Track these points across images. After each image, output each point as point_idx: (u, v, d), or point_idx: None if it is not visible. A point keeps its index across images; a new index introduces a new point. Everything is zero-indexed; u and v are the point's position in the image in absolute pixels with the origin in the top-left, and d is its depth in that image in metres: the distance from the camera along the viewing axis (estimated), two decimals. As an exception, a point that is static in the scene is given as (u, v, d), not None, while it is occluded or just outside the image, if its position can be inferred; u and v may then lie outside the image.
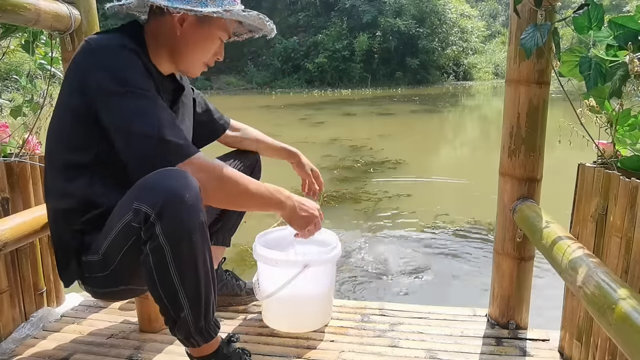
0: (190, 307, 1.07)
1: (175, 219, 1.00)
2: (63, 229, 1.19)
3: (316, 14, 24.18)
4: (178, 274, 1.03)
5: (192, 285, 1.06)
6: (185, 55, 1.19)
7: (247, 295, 1.73)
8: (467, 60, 26.28)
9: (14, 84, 4.26)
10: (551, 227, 1.23)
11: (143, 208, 0.99)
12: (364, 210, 4.25)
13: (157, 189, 1.00)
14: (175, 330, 1.11)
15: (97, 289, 1.21)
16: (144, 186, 1.02)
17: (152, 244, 1.01)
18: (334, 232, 1.64)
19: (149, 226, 1.00)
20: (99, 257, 1.12)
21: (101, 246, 1.11)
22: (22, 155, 1.58)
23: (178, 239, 1.01)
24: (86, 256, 1.15)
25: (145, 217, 0.99)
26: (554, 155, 2.06)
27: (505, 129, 1.46)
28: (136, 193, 1.02)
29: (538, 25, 1.26)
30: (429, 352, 1.43)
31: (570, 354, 1.34)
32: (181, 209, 1.00)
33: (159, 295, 1.06)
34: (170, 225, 1.00)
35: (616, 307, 0.81)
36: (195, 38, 1.17)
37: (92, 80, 1.07)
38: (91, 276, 1.17)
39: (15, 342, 1.50)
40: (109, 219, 1.10)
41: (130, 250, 1.06)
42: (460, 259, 3.17)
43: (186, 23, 1.14)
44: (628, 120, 1.18)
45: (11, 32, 1.68)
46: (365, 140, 7.79)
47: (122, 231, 1.05)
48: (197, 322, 1.09)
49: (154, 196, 0.99)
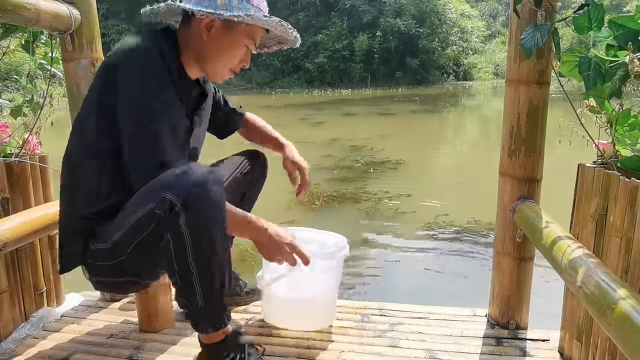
0: (204, 296, 1.12)
1: (199, 213, 1.05)
2: (74, 213, 1.21)
3: (316, 13, 24.16)
4: (195, 264, 1.08)
5: (207, 275, 1.11)
6: (211, 60, 1.22)
7: (247, 295, 1.73)
8: (467, 60, 26.26)
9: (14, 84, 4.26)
10: (551, 227, 1.23)
11: (168, 196, 1.03)
12: (365, 211, 4.25)
13: (185, 180, 1.04)
14: (188, 315, 1.17)
15: (99, 277, 1.22)
16: (172, 176, 1.05)
17: (174, 232, 1.05)
18: (343, 236, 1.63)
19: (173, 215, 1.04)
20: (108, 245, 1.14)
21: (112, 236, 1.13)
22: (22, 156, 1.58)
23: (200, 232, 1.06)
24: (94, 243, 1.17)
25: (171, 206, 1.03)
26: (554, 156, 2.06)
27: (505, 129, 1.46)
28: (161, 182, 1.05)
29: (538, 26, 1.26)
30: (429, 352, 1.43)
31: (570, 354, 1.34)
32: (206, 203, 1.05)
33: (175, 280, 1.12)
34: (194, 218, 1.04)
35: (616, 307, 0.81)
36: (221, 43, 1.19)
37: (122, 83, 1.11)
38: (95, 263, 1.19)
39: (15, 342, 1.50)
40: (124, 211, 1.12)
41: (145, 239, 1.09)
42: (461, 259, 3.17)
43: (213, 29, 1.17)
44: (628, 120, 1.18)
45: (11, 32, 1.68)
46: (365, 140, 7.78)
47: (141, 219, 1.07)
48: (208, 311, 1.14)
49: (181, 186, 1.04)
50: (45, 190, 1.66)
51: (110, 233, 1.14)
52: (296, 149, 1.67)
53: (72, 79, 1.65)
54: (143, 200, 1.07)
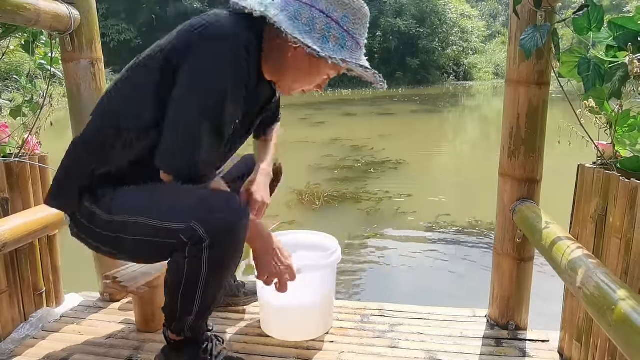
0: (196, 315, 1.16)
1: (225, 254, 1.08)
2: (82, 161, 1.15)
3: (316, 14, 24.13)
4: (202, 293, 1.12)
5: (208, 302, 1.16)
6: (288, 77, 1.17)
7: (245, 297, 1.73)
8: (467, 60, 26.27)
9: (14, 84, 4.26)
10: (551, 227, 1.23)
11: (199, 229, 1.02)
12: (366, 211, 4.25)
13: (219, 218, 1.04)
14: (172, 326, 1.20)
15: (82, 234, 1.18)
16: (206, 207, 1.04)
17: (193, 260, 1.06)
18: (334, 237, 1.61)
19: (197, 248, 1.04)
20: (108, 217, 1.10)
21: (117, 212, 1.09)
22: (22, 156, 1.58)
23: (218, 269, 1.09)
24: (91, 204, 1.12)
25: (199, 240, 1.03)
26: (553, 156, 2.06)
27: (505, 130, 1.46)
28: (194, 207, 1.04)
29: (538, 26, 1.26)
30: (429, 353, 1.43)
31: (570, 355, 1.34)
32: (233, 244, 1.07)
33: (176, 297, 1.13)
34: (218, 257, 1.06)
35: (616, 308, 0.81)
36: (304, 67, 1.13)
37: (199, 57, 1.03)
38: (82, 221, 1.15)
39: (14, 343, 1.50)
40: (144, 196, 1.10)
41: (155, 244, 1.08)
42: (461, 259, 3.17)
43: (300, 49, 1.08)
44: (627, 121, 1.18)
45: (11, 32, 1.68)
46: (365, 140, 7.79)
47: (161, 230, 1.05)
48: (194, 323, 1.19)
49: (214, 224, 1.03)
50: (45, 190, 1.66)
51: (116, 209, 1.09)
52: (265, 183, 1.47)
53: (72, 79, 1.65)
54: (170, 213, 1.05)
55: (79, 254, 2.03)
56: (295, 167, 5.93)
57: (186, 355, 1.23)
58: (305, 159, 6.25)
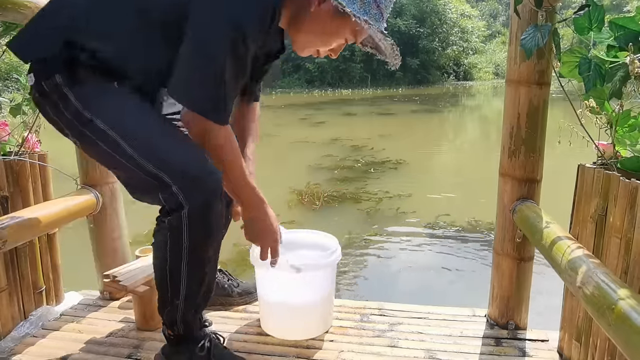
0: (185, 300, 1.16)
1: (203, 225, 1.08)
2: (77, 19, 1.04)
3: (317, 13, 24.15)
4: (187, 273, 1.13)
5: (195, 285, 1.16)
6: (305, 33, 1.13)
7: (240, 297, 1.71)
8: (467, 60, 26.27)
9: (14, 83, 4.25)
10: (551, 227, 1.23)
11: (180, 197, 1.04)
12: (366, 211, 4.25)
13: (199, 185, 1.05)
14: (165, 316, 1.21)
15: (49, 112, 1.10)
16: (188, 172, 1.04)
17: (175, 225, 1.07)
18: (334, 236, 1.60)
19: (177, 214, 1.05)
20: (88, 117, 1.04)
21: (96, 113, 1.04)
22: (22, 154, 1.58)
23: (200, 241, 1.10)
24: (69, 88, 1.04)
25: (177, 206, 1.04)
26: (554, 156, 2.06)
27: (505, 130, 1.46)
28: (179, 172, 1.04)
29: (538, 26, 1.25)
30: (428, 352, 1.43)
31: (570, 355, 1.34)
32: (210, 217, 1.08)
33: (164, 275, 1.15)
34: (197, 229, 1.08)
35: (615, 308, 0.81)
36: (324, 25, 1.10)
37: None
38: (54, 104, 1.07)
39: (14, 341, 1.50)
40: (134, 119, 1.06)
41: (128, 168, 1.06)
42: (461, 259, 3.17)
43: (324, 5, 1.07)
44: (628, 121, 1.18)
45: (11, 31, 1.68)
46: (365, 140, 7.79)
47: (142, 166, 1.04)
48: (186, 313, 1.19)
49: (195, 192, 1.04)
50: (44, 188, 1.66)
51: (100, 108, 1.04)
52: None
53: (72, 78, 1.65)
54: (155, 158, 1.04)
55: (79, 252, 2.04)
56: (295, 167, 5.93)
57: (185, 353, 1.24)
58: (305, 159, 6.25)
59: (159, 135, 1.09)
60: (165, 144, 1.08)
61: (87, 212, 1.69)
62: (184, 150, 1.07)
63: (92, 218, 1.74)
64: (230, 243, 3.28)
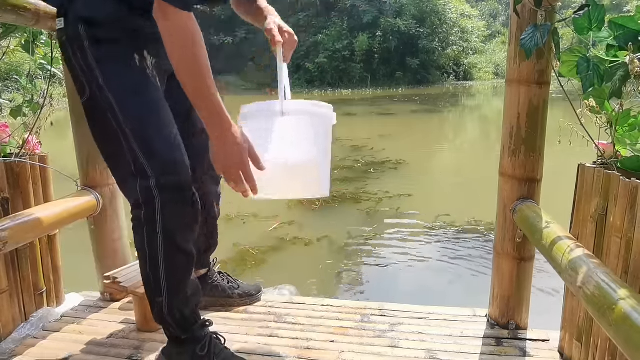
0: (169, 294, 1.20)
1: (176, 218, 1.16)
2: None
3: (316, 14, 24.16)
4: (165, 263, 1.17)
5: (175, 277, 1.21)
6: None
7: (240, 298, 1.71)
8: (467, 60, 26.26)
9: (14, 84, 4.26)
10: (551, 227, 1.23)
11: (155, 191, 1.12)
12: (366, 211, 4.25)
13: (174, 181, 1.14)
14: (154, 313, 1.24)
15: (70, 58, 1.17)
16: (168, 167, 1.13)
17: (148, 218, 1.15)
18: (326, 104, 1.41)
19: (150, 207, 1.13)
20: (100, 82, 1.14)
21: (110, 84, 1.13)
22: (22, 156, 1.58)
23: (175, 233, 1.17)
24: (91, 44, 1.13)
25: (150, 198, 1.13)
26: (554, 156, 2.06)
27: (505, 129, 1.46)
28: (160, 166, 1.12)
29: (538, 26, 1.25)
30: (429, 353, 1.43)
31: (570, 355, 1.34)
32: (184, 208, 1.17)
33: (145, 268, 1.20)
34: (171, 221, 1.15)
35: (616, 308, 0.81)
36: None
37: None
38: (74, 52, 1.16)
39: (15, 342, 1.50)
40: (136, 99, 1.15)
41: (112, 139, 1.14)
42: (461, 259, 3.17)
43: None
44: (628, 120, 1.18)
45: (11, 32, 1.68)
46: (365, 140, 7.79)
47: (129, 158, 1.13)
48: (171, 308, 1.21)
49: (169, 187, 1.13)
50: (45, 190, 1.66)
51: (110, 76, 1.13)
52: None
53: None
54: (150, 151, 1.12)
55: (79, 253, 2.04)
56: (296, 167, 5.88)
57: (187, 353, 1.24)
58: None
59: (154, 124, 1.16)
60: (158, 135, 1.15)
61: (88, 213, 1.69)
62: (169, 146, 1.15)
63: (92, 219, 1.74)
64: (230, 243, 3.28)
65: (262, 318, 1.63)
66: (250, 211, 3.99)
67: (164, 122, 1.17)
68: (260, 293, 1.77)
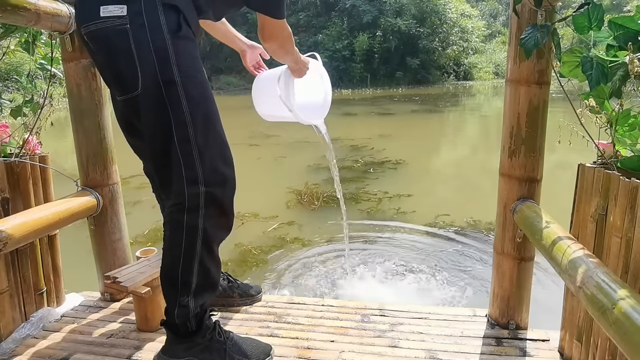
0: (195, 293, 1.21)
1: (216, 227, 1.20)
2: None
3: (316, 13, 24.18)
4: (199, 263, 1.19)
5: (205, 278, 1.22)
6: None
7: (240, 298, 1.72)
8: (467, 60, 26.27)
9: (14, 84, 4.26)
10: (551, 227, 1.23)
11: (201, 199, 1.15)
12: (365, 211, 4.25)
13: (222, 192, 1.18)
14: (176, 315, 1.21)
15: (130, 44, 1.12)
16: (219, 179, 1.17)
17: (192, 225, 1.16)
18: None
19: (194, 214, 1.16)
20: (175, 77, 1.12)
21: (177, 81, 1.12)
22: (22, 156, 1.58)
23: (213, 241, 1.21)
24: (172, 34, 1.12)
25: (197, 206, 1.15)
26: (554, 156, 2.06)
27: (505, 129, 1.46)
28: (213, 176, 1.16)
29: (538, 26, 1.26)
30: (429, 352, 1.43)
31: (571, 354, 1.34)
32: (226, 219, 1.23)
33: (177, 264, 1.18)
34: (213, 231, 1.19)
35: (616, 307, 0.81)
36: None
37: None
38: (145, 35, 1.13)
39: (15, 342, 1.50)
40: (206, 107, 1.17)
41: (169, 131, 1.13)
42: (461, 259, 3.17)
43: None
44: (628, 120, 1.18)
45: (11, 32, 1.68)
46: (365, 140, 7.78)
47: (173, 154, 1.14)
48: (195, 312, 1.22)
49: (217, 197, 1.17)
50: (45, 190, 1.66)
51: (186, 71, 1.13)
52: None
53: (72, 79, 1.65)
54: (207, 159, 1.15)
55: (79, 253, 2.04)
56: (295, 167, 5.92)
57: (202, 342, 1.25)
58: (304, 159, 6.24)
59: (215, 134, 1.18)
60: (217, 146, 1.18)
61: (88, 213, 1.69)
62: (224, 157, 1.19)
63: (92, 219, 1.74)
64: (232, 243, 3.28)
65: (262, 318, 1.63)
66: (250, 211, 4.00)
67: (222, 134, 1.21)
68: (260, 294, 1.77)
